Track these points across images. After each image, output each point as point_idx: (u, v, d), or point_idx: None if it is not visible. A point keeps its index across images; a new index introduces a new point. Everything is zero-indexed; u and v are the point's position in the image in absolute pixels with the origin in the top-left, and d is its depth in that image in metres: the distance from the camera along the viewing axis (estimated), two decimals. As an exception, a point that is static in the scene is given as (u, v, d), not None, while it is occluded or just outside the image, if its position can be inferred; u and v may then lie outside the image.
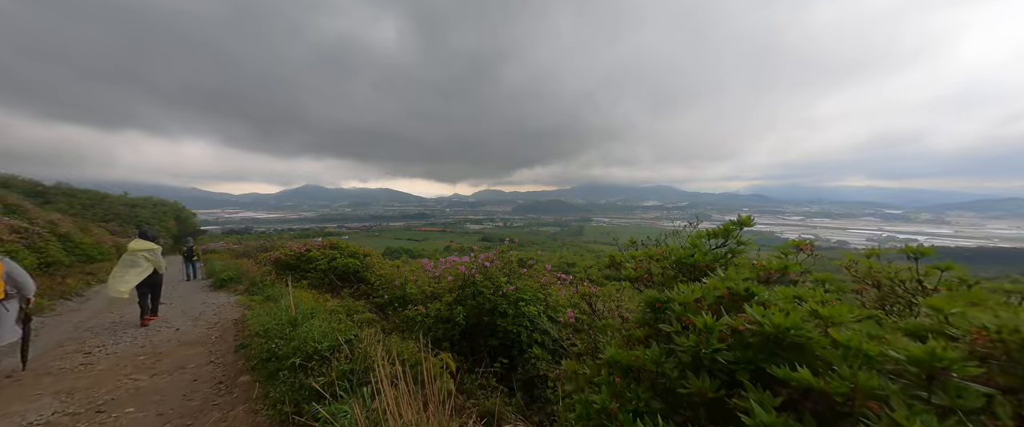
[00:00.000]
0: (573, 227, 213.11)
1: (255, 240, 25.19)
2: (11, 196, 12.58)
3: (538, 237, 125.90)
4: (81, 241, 12.19)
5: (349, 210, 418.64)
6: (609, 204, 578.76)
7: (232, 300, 6.97)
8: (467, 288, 3.82)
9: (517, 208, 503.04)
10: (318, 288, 7.85)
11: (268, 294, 6.66)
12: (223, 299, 7.15)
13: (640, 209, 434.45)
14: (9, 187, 21.84)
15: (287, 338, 3.22)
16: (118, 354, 4.06)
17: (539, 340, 3.52)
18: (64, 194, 25.24)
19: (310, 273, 8.30)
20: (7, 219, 10.29)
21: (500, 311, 3.62)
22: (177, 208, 29.85)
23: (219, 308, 6.38)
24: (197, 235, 28.24)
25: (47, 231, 10.96)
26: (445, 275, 4.47)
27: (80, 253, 11.64)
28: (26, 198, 20.70)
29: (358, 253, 9.00)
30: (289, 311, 3.93)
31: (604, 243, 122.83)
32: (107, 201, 26.66)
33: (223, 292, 7.98)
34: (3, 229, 8.79)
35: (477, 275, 3.80)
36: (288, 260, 8.92)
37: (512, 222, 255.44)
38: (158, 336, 4.78)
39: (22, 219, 11.19)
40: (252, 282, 7.87)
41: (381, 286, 5.44)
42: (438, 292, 4.04)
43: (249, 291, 7.53)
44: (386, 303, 4.62)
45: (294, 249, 9.22)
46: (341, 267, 8.33)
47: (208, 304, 6.75)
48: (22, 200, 13.00)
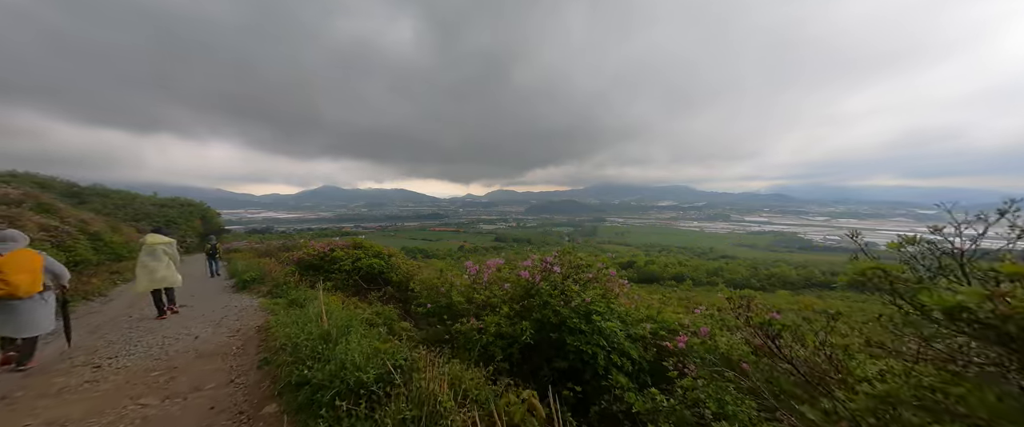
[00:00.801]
0: (587, 227, 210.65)
1: (276, 239, 25.41)
2: (45, 196, 12.75)
3: (552, 237, 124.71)
4: (111, 240, 12.35)
5: (365, 210, 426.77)
6: (623, 204, 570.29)
7: (255, 303, 6.54)
8: (533, 298, 3.17)
9: (530, 208, 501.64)
10: (343, 290, 7.41)
11: (292, 297, 6.24)
12: (246, 302, 6.74)
13: (655, 209, 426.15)
14: (47, 188, 22.65)
15: (321, 358, 2.66)
16: (129, 368, 3.59)
17: (618, 363, 2.86)
18: (98, 195, 26.10)
19: (334, 274, 7.91)
20: (37, 217, 10.34)
21: (570, 327, 2.97)
22: (203, 208, 30.53)
23: (242, 312, 5.95)
24: (221, 234, 28.74)
25: (77, 230, 11.11)
26: (495, 280, 3.86)
27: (109, 251, 11.71)
28: (63, 198, 21.47)
29: (383, 253, 8.64)
30: (320, 322, 3.38)
31: (619, 244, 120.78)
32: (137, 201, 27.42)
33: (246, 294, 7.59)
34: (33, 227, 8.75)
35: (542, 282, 3.15)
36: (311, 260, 8.57)
37: (525, 222, 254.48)
38: (176, 345, 4.34)
39: (53, 218, 11.31)
40: (275, 283, 7.50)
41: (422, 292, 4.87)
42: (491, 301, 3.43)
43: (272, 293, 7.13)
44: (429, 312, 4.02)
45: (317, 249, 8.88)
46: (366, 268, 7.94)
47: (230, 307, 6.35)
48: (55, 200, 13.24)
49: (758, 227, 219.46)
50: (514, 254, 28.86)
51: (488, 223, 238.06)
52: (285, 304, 6.02)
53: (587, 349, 2.85)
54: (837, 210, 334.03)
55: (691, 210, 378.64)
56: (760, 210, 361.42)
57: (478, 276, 4.27)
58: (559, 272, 3.31)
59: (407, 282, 7.51)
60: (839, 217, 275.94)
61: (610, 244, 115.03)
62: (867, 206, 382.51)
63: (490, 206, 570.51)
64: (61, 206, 12.57)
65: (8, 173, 21.92)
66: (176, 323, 5.34)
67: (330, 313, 3.80)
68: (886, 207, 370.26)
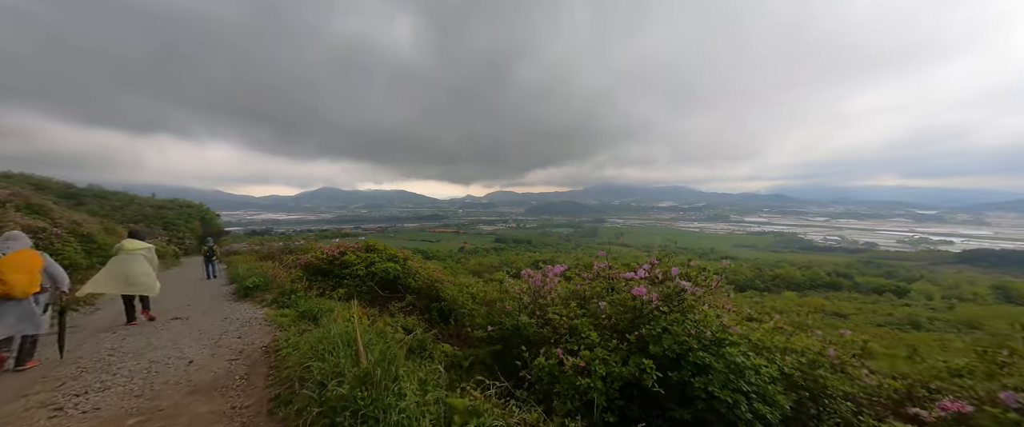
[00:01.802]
0: (586, 228, 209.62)
1: (276, 241, 24.59)
2: (35, 196, 12.28)
3: (551, 238, 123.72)
4: (104, 242, 11.82)
5: (365, 211, 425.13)
6: (623, 205, 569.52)
7: (259, 314, 5.80)
8: (653, 323, 2.36)
9: (530, 209, 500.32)
10: (356, 298, 6.67)
11: (303, 308, 5.51)
12: (248, 312, 6.02)
13: (655, 210, 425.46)
14: (43, 188, 21.91)
15: (362, 415, 1.87)
16: (100, 413, 2.79)
17: (764, 415, 2.07)
18: (95, 196, 25.36)
19: (346, 279, 7.22)
20: (20, 217, 9.63)
21: (693, 362, 2.18)
22: (202, 209, 29.75)
23: (244, 326, 5.20)
24: (220, 236, 27.92)
25: (67, 232, 10.59)
26: (567, 294, 3.08)
27: (102, 254, 11.12)
28: (59, 200, 20.73)
29: (397, 256, 8.01)
30: (355, 355, 2.57)
31: (619, 244, 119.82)
32: (136, 203, 26.70)
33: (248, 302, 6.87)
34: (15, 228, 8.33)
35: (658, 301, 2.35)
36: (320, 264, 7.86)
37: (525, 223, 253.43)
38: (164, 373, 3.55)
39: (43, 219, 10.71)
40: (281, 291, 6.76)
41: (476, 311, 4.07)
42: (574, 324, 2.63)
43: (279, 302, 6.41)
44: (491, 338, 3.21)
45: (326, 252, 8.20)
46: (380, 273, 7.20)
47: (231, 320, 5.60)
48: (46, 200, 12.70)
49: (758, 228, 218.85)
50: (513, 255, 28.03)
51: (488, 224, 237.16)
52: (294, 317, 5.27)
53: (724, 395, 2.05)
54: (837, 210, 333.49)
55: (691, 211, 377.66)
56: (760, 210, 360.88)
57: (542, 287, 3.46)
58: (674, 282, 2.52)
59: (431, 289, 6.73)
60: (839, 217, 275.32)
61: (610, 245, 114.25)
62: (866, 206, 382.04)
63: (490, 207, 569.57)
64: (52, 207, 12.11)
65: (3, 174, 21.21)
66: (166, 340, 4.54)
67: (349, 331, 3.00)
68: (885, 207, 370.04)
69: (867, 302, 27.27)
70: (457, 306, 6.22)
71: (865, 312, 20.48)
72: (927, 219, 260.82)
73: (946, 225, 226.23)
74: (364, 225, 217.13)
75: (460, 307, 6.18)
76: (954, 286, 35.72)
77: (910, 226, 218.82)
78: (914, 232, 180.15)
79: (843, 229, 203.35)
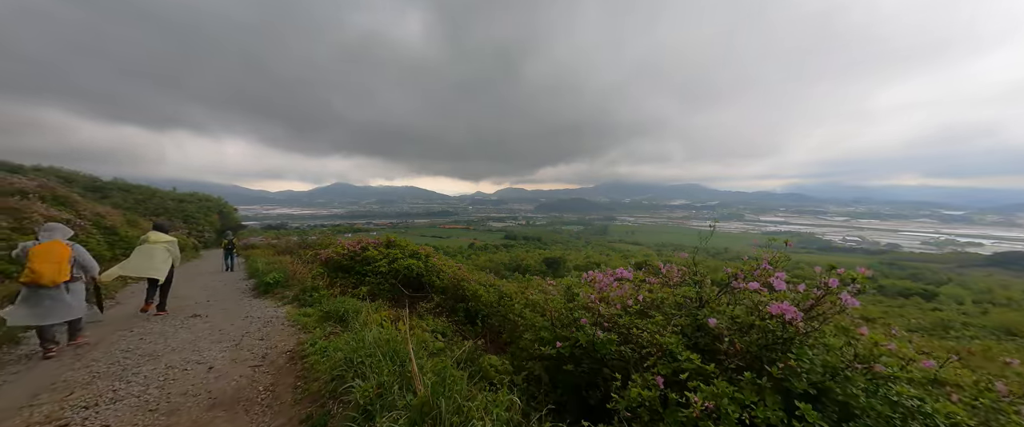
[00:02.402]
0: (597, 226, 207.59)
1: (293, 235, 24.73)
2: (62, 188, 12.61)
3: (561, 236, 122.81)
4: (126, 234, 12.08)
5: (376, 207, 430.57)
6: (634, 203, 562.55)
7: (280, 313, 5.51)
8: (799, 351, 1.83)
9: (539, 206, 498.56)
10: (378, 296, 6.36)
11: (326, 308, 5.20)
12: (269, 311, 5.71)
13: (667, 208, 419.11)
14: (71, 181, 22.48)
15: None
16: (110, 427, 2.44)
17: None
18: (119, 189, 25.96)
19: (368, 277, 6.91)
20: (44, 208, 9.68)
21: (845, 400, 1.67)
22: (220, 203, 30.21)
23: (266, 326, 4.92)
24: (237, 230, 28.28)
25: (91, 223, 10.77)
26: (651, 304, 2.59)
27: (125, 246, 11.35)
28: (86, 192, 21.21)
29: (419, 253, 7.67)
30: (410, 378, 2.14)
31: (630, 243, 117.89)
32: (157, 196, 27.28)
33: (268, 299, 6.59)
34: (39, 220, 8.34)
35: (799, 321, 1.82)
36: (341, 260, 7.61)
37: (535, 220, 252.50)
38: (182, 380, 3.22)
39: (69, 210, 10.84)
40: (302, 287, 6.46)
41: (532, 321, 3.60)
42: (666, 343, 2.13)
43: (300, 300, 6.11)
44: (561, 356, 2.72)
45: (347, 247, 7.91)
46: (403, 270, 6.87)
47: (252, 318, 5.31)
48: (72, 192, 12.95)
49: (774, 227, 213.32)
50: (524, 252, 27.34)
51: (498, 221, 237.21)
52: (318, 317, 4.97)
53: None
54: (857, 210, 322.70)
55: (704, 209, 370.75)
56: (776, 209, 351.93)
57: (608, 294, 2.98)
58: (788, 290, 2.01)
59: (457, 289, 6.32)
60: (859, 217, 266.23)
61: (621, 243, 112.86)
62: (889, 206, 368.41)
63: (500, 204, 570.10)
64: (78, 199, 12.43)
65: (34, 167, 21.82)
66: (184, 341, 4.28)
67: (390, 340, 2.58)
68: (909, 207, 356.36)
69: (893, 306, 26.00)
70: (483, 306, 5.80)
71: (892, 316, 19.42)
72: (954, 220, 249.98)
73: (974, 226, 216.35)
74: (376, 221, 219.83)
75: (486, 307, 5.74)
76: (986, 290, 33.87)
77: (935, 227, 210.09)
78: (940, 233, 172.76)
79: (864, 229, 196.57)
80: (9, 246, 6.77)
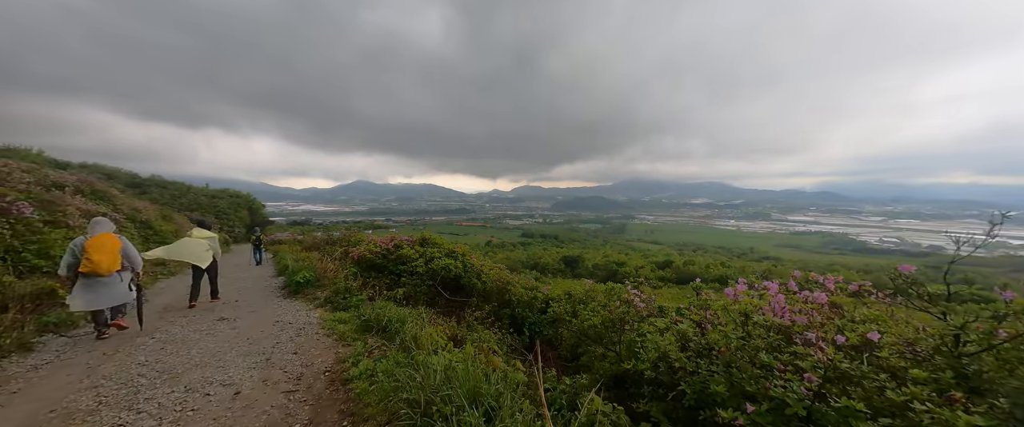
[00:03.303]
0: (615, 225, 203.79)
1: (316, 230, 24.93)
2: (100, 183, 13.03)
3: (578, 234, 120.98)
4: (161, 228, 12.38)
5: (395, 204, 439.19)
6: (653, 201, 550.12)
7: (314, 318, 5.09)
8: None
9: (556, 204, 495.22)
10: (416, 300, 5.98)
11: (364, 314, 4.66)
12: (302, 315, 5.30)
13: (688, 207, 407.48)
14: (113, 178, 23.53)
15: None
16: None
17: None
18: (157, 185, 27.05)
19: (404, 277, 6.61)
20: (80, 201, 9.84)
21: None
22: (249, 200, 31.05)
23: (299, 334, 4.47)
24: (265, 225, 28.88)
25: (126, 217, 11.00)
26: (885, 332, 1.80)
27: (158, 240, 11.63)
28: (126, 188, 22.06)
29: (456, 252, 7.31)
30: None
31: (649, 242, 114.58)
32: (191, 192, 28.29)
33: (299, 301, 6.21)
34: (73, 212, 8.34)
35: None
36: (374, 259, 7.19)
37: (551, 218, 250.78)
38: (201, 412, 2.68)
39: (106, 204, 10.95)
40: (335, 288, 6.07)
41: (602, 339, 2.90)
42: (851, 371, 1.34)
43: (333, 303, 5.70)
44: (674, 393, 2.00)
45: (380, 245, 7.54)
46: (440, 271, 6.51)
47: (283, 323, 4.90)
48: (110, 187, 13.37)
49: (803, 227, 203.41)
50: (541, 250, 26.31)
51: (514, 218, 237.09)
52: (356, 326, 4.50)
53: None
54: (895, 210, 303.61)
55: (727, 208, 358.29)
56: (805, 209, 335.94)
57: (799, 320, 2.14)
58: None
59: (501, 293, 5.66)
60: (898, 217, 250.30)
61: (640, 242, 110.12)
62: (931, 206, 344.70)
63: (516, 202, 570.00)
64: (115, 193, 12.78)
65: (80, 164, 22.96)
66: (208, 353, 3.84)
67: (452, 372, 1.91)
68: (955, 207, 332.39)
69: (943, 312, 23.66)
70: (528, 313, 5.23)
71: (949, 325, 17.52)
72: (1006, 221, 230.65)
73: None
74: (395, 217, 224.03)
75: (536, 315, 5.08)
76: (1056, 299, 30.54)
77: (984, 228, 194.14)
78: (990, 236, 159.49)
79: (902, 230, 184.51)
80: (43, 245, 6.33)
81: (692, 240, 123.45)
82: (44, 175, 10.67)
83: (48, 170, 12.18)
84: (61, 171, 13.14)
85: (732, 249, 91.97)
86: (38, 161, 16.91)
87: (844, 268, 45.19)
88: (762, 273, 3.73)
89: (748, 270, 43.16)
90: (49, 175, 10.68)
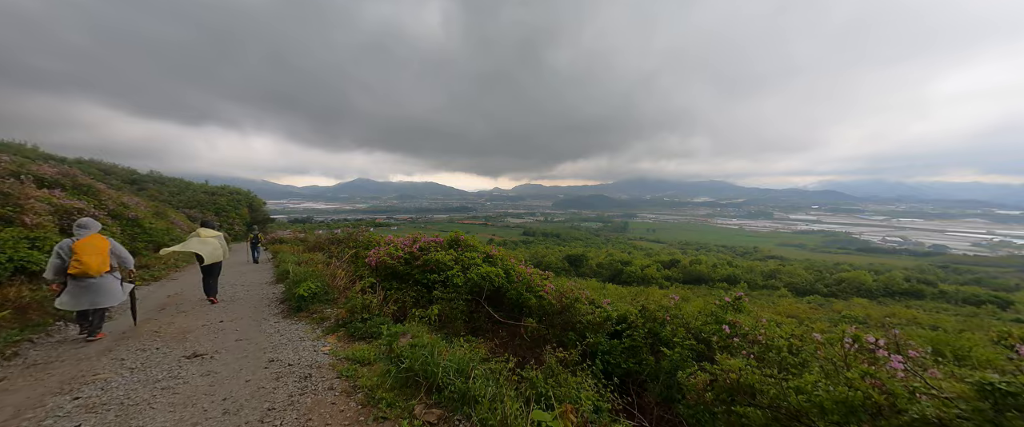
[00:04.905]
0: (616, 223, 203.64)
1: (318, 228, 24.81)
2: (83, 177, 11.97)
3: (580, 232, 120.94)
4: (151, 225, 11.48)
5: (396, 202, 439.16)
6: (655, 200, 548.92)
7: (323, 357, 3.75)
8: None
9: (557, 203, 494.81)
10: (453, 319, 4.88)
11: (400, 356, 3.28)
12: (306, 349, 3.99)
13: (690, 206, 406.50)
14: (111, 174, 23.41)
15: None
16: None
17: None
18: (155, 181, 26.95)
19: (436, 288, 5.29)
20: (59, 195, 8.89)
21: None
22: (250, 197, 30.90)
23: (302, 390, 3.09)
24: (265, 223, 28.82)
25: (108, 214, 10.15)
26: None
27: (147, 238, 10.76)
28: (124, 184, 21.95)
29: (494, 256, 6.10)
30: None
31: (651, 240, 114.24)
32: (190, 189, 28.13)
33: (302, 322, 4.95)
34: (37, 208, 7.10)
35: None
36: (396, 265, 5.95)
37: (553, 217, 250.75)
38: None
39: (88, 199, 10.12)
40: (350, 306, 4.73)
41: None
42: None
43: (349, 328, 4.46)
44: None
45: (402, 246, 6.35)
46: (478, 280, 5.25)
47: (280, 366, 3.57)
48: (95, 181, 12.47)
49: (805, 226, 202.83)
50: (544, 249, 25.87)
51: (516, 217, 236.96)
52: (387, 369, 3.22)
53: None
54: (897, 209, 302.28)
55: (730, 207, 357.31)
56: (808, 208, 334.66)
57: None
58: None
59: (564, 313, 4.71)
60: (900, 216, 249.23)
61: (643, 241, 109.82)
62: (933, 205, 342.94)
63: (518, 200, 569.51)
64: (102, 188, 11.83)
65: (76, 160, 22.79)
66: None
67: None
68: (958, 206, 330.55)
69: (962, 314, 23.40)
70: (597, 337, 4.15)
71: (970, 327, 17.28)
72: (1009, 220, 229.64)
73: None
74: (396, 215, 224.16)
75: (601, 340, 4.09)
76: (1063, 298, 30.41)
77: (988, 227, 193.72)
78: (993, 234, 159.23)
79: (906, 229, 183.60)
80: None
81: (694, 239, 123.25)
82: (20, 164, 9.96)
83: (38, 163, 11.73)
84: (40, 163, 12.16)
85: (735, 248, 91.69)
86: (32, 156, 16.12)
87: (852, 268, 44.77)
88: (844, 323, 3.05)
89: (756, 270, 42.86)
90: (30, 168, 10.02)
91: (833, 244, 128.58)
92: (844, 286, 36.74)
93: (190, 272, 9.29)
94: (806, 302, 26.46)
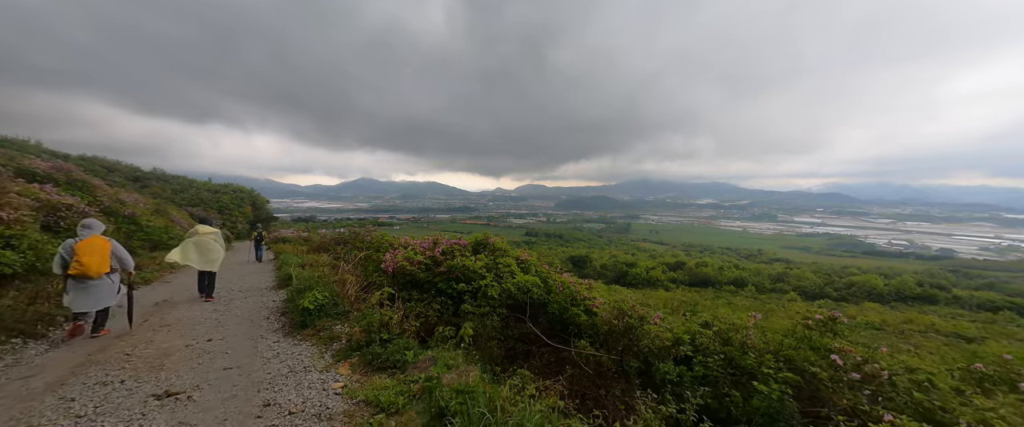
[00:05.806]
0: (619, 224, 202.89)
1: (321, 227, 24.58)
2: (79, 172, 11.69)
3: (583, 233, 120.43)
4: (148, 223, 11.09)
5: (399, 202, 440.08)
6: (657, 201, 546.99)
7: (336, 401, 2.94)
8: None
9: (560, 203, 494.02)
10: (488, 341, 4.21)
11: (447, 412, 2.51)
12: (313, 385, 3.22)
13: (693, 207, 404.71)
14: (114, 171, 23.27)
15: None
16: None
17: None
18: (158, 179, 26.85)
19: (465, 300, 4.61)
20: (51, 190, 8.60)
21: None
22: (253, 195, 30.77)
23: None
24: (269, 222, 28.65)
25: (101, 210, 9.78)
26: None
27: (144, 237, 10.39)
28: (128, 181, 21.79)
29: (528, 263, 5.38)
30: None
31: (654, 242, 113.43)
32: (194, 187, 28.04)
33: (308, 343, 4.24)
34: (16, 202, 6.64)
35: None
36: (416, 271, 5.17)
37: (555, 217, 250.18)
38: None
39: (83, 195, 9.82)
40: (366, 323, 4.03)
41: None
42: None
43: (363, 355, 3.69)
44: None
45: (422, 250, 5.63)
46: (515, 291, 4.56)
47: (278, 403, 2.90)
48: (91, 177, 12.22)
49: (810, 228, 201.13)
50: (546, 250, 25.14)
51: (518, 217, 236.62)
52: (424, 418, 2.59)
53: None
54: (903, 212, 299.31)
55: (733, 209, 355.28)
56: (812, 210, 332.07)
57: None
58: None
59: (625, 335, 3.99)
60: (906, 219, 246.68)
61: (646, 242, 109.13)
62: (940, 208, 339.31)
63: (520, 200, 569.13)
64: (98, 184, 11.59)
65: (79, 156, 22.68)
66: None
67: None
68: (965, 209, 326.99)
69: (980, 320, 22.75)
70: (662, 363, 3.54)
71: (994, 335, 16.68)
72: (1016, 224, 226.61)
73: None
74: (399, 215, 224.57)
75: (668, 367, 3.52)
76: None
77: (996, 231, 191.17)
78: (1001, 238, 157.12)
79: (912, 232, 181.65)
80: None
81: (698, 241, 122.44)
82: (11, 157, 9.66)
83: (30, 157, 11.18)
84: (32, 157, 11.75)
85: (740, 250, 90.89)
86: (34, 152, 15.84)
87: (859, 271, 44.11)
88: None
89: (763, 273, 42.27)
90: (21, 161, 9.72)
91: (838, 247, 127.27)
92: (854, 290, 36.11)
93: (186, 274, 9.02)
94: (817, 306, 25.96)
